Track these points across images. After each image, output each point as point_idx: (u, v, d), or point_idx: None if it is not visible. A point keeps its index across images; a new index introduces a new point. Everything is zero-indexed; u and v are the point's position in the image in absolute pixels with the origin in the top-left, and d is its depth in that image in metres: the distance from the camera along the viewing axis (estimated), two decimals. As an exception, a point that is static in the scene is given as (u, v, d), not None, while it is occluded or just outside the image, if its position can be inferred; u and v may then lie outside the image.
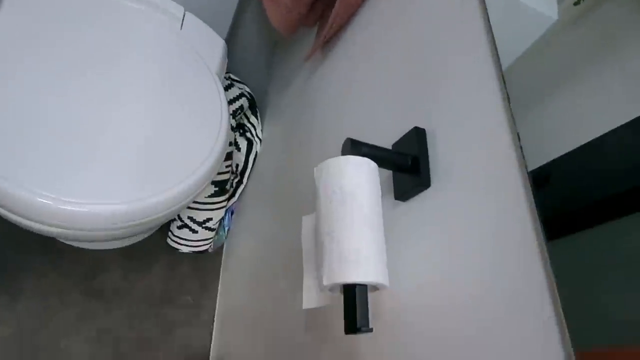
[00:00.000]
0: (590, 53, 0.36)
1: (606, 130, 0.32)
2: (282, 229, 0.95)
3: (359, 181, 0.46)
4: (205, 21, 1.07)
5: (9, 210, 0.73)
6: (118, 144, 0.83)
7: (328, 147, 0.83)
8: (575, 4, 0.39)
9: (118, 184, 0.79)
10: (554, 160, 0.36)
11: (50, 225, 0.75)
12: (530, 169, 0.38)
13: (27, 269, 1.10)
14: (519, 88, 0.42)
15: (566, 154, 0.35)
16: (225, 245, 1.38)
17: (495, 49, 0.46)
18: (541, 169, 0.37)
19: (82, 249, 1.17)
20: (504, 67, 0.44)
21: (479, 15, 0.51)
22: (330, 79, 0.90)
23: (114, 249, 1.20)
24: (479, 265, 0.42)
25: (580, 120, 0.35)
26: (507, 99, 0.43)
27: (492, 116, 0.45)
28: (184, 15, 1.00)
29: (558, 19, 0.41)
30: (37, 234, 0.78)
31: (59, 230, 0.76)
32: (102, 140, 0.81)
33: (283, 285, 0.87)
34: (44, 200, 0.73)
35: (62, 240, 1.14)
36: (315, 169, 0.50)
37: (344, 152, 0.51)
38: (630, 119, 0.31)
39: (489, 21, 0.48)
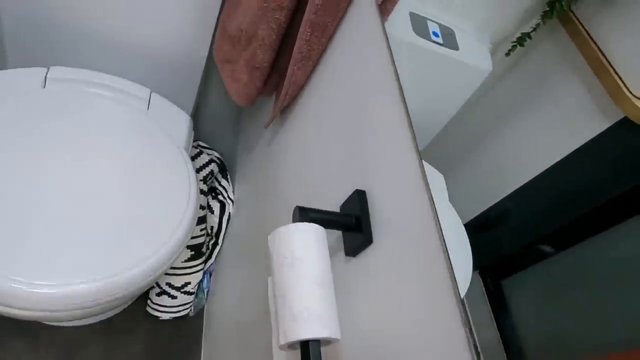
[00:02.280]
0: (526, 97, 0.40)
1: (552, 163, 0.35)
2: (259, 286, 0.99)
3: (306, 245, 0.52)
4: (171, 98, 1.16)
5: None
6: (90, 222, 0.87)
7: (290, 207, 0.90)
8: (507, 54, 0.44)
9: (93, 261, 0.83)
10: (499, 202, 0.40)
11: (24, 309, 0.75)
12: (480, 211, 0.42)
13: (2, 352, 1.10)
14: (463, 137, 0.46)
15: (507, 196, 0.39)
16: (205, 307, 1.39)
17: (407, 113, 0.54)
18: (494, 209, 0.40)
19: (58, 327, 1.18)
20: (448, 119, 0.48)
21: (393, 84, 0.60)
22: (288, 143, 0.99)
23: (91, 324, 1.21)
24: (410, 315, 0.48)
25: (524, 158, 0.38)
26: (419, 158, 0.51)
27: (411, 177, 0.53)
28: (150, 97, 1.09)
29: (492, 70, 0.45)
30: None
31: (38, 313, 0.77)
32: (75, 220, 0.86)
33: (263, 343, 0.90)
34: (16, 285, 0.74)
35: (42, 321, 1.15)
36: (269, 237, 0.56)
37: (294, 219, 0.58)
38: (570, 151, 0.34)
39: (401, 89, 0.57)
